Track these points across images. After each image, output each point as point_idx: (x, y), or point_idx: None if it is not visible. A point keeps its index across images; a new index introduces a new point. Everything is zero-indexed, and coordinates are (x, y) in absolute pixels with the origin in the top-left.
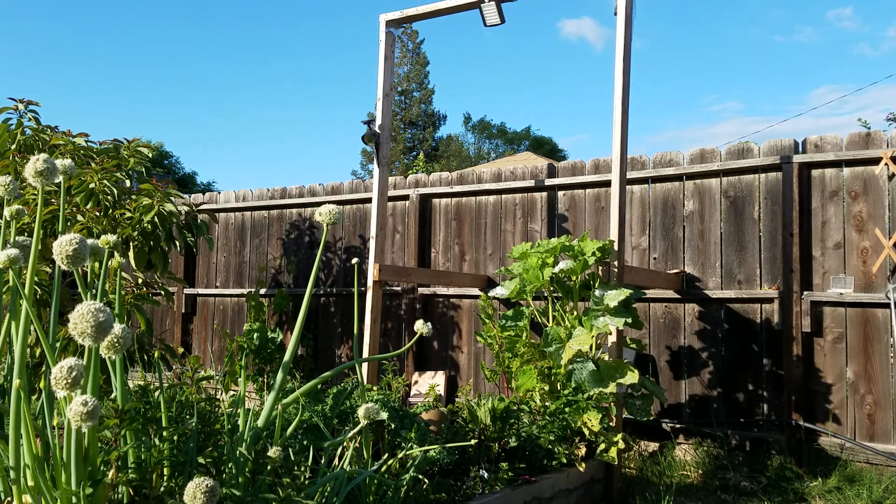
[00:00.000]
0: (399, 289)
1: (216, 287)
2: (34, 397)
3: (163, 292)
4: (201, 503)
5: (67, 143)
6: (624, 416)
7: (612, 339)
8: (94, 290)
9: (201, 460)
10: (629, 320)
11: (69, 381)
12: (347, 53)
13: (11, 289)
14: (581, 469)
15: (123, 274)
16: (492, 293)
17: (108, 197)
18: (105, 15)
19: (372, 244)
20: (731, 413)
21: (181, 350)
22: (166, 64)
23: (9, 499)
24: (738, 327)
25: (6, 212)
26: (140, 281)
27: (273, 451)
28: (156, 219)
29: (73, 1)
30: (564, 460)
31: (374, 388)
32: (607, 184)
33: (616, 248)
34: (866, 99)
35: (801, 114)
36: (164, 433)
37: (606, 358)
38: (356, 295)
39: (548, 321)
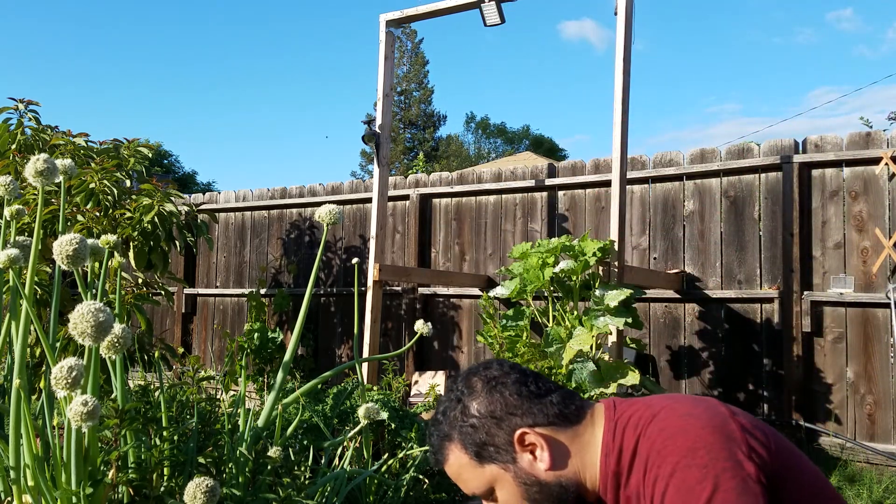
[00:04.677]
0: (399, 289)
1: (216, 287)
2: (34, 397)
3: (163, 292)
4: (201, 503)
5: (67, 143)
6: None
7: (613, 338)
8: (94, 290)
9: (201, 460)
10: (629, 320)
11: (69, 381)
12: (347, 53)
13: (11, 289)
14: None
15: (123, 274)
16: (492, 293)
17: (108, 197)
18: (104, 14)
19: (372, 244)
20: None
21: (181, 350)
22: (166, 63)
23: (9, 499)
24: (739, 327)
25: (6, 212)
26: (140, 281)
27: (273, 451)
28: (156, 219)
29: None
30: None
31: (375, 387)
32: (607, 184)
33: (616, 248)
34: (864, 100)
35: (799, 114)
36: (165, 433)
37: (607, 358)
38: (356, 295)
39: (548, 321)
